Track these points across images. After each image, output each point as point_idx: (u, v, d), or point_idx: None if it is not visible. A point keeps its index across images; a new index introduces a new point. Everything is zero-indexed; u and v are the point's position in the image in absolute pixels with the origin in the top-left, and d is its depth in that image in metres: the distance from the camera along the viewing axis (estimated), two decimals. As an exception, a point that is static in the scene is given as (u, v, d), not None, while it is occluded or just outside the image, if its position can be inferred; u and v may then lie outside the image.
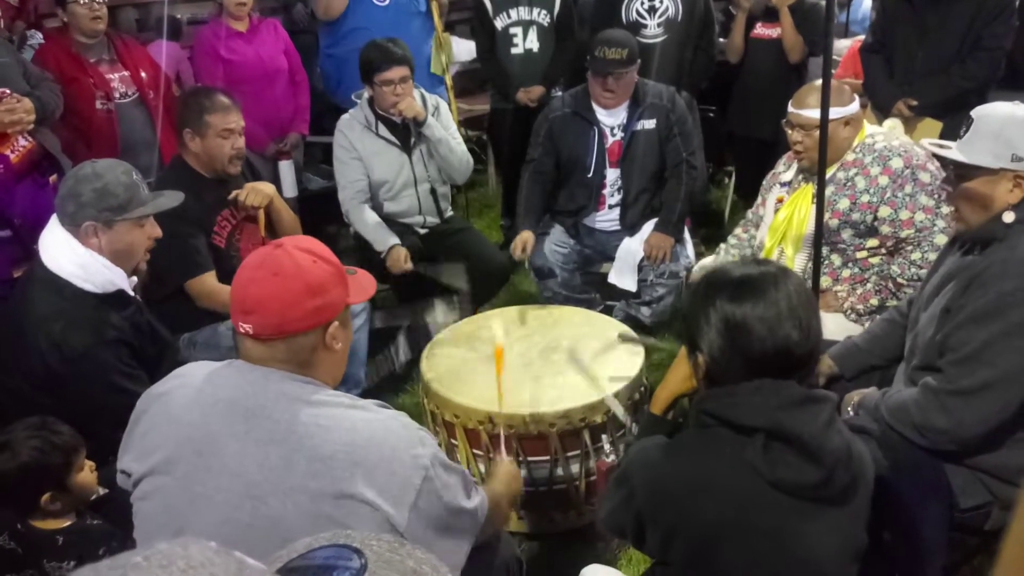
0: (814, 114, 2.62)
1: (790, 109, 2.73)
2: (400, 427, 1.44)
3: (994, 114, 1.92)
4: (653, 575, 1.68)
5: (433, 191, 3.61)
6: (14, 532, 1.87)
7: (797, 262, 2.79)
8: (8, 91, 2.91)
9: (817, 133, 2.61)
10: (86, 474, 1.94)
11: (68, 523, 1.91)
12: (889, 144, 2.65)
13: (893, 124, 3.30)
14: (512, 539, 1.95)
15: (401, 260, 3.32)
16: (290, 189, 4.24)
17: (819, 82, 2.67)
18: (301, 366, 1.45)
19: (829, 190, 2.62)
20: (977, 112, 1.95)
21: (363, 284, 1.59)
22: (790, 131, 2.75)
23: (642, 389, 2.64)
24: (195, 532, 1.37)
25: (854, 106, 2.66)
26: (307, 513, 1.33)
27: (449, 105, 4.43)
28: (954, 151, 1.96)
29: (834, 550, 1.41)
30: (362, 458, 1.35)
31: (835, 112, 2.51)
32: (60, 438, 1.89)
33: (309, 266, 1.42)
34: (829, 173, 2.63)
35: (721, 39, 4.68)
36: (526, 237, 3.48)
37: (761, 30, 4.45)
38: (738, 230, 3.19)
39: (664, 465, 1.46)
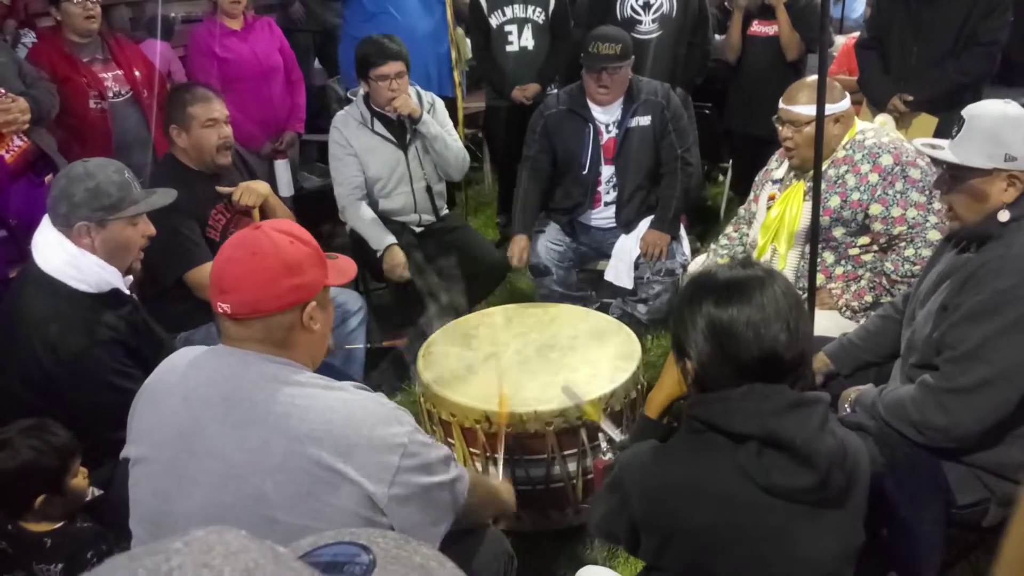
0: (803, 110, 2.63)
1: (780, 105, 2.73)
2: (377, 406, 1.45)
3: (986, 114, 1.92)
4: (647, 579, 1.67)
5: (429, 189, 3.60)
6: (4, 532, 1.87)
7: (790, 259, 2.79)
8: (3, 90, 2.90)
9: (807, 130, 2.63)
10: (79, 479, 1.94)
11: (57, 525, 1.91)
12: (879, 141, 2.65)
13: (884, 120, 3.30)
14: (503, 535, 1.95)
15: (399, 267, 3.31)
16: (286, 188, 4.24)
17: (810, 79, 2.68)
18: (278, 346, 1.46)
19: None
20: (968, 112, 1.94)
21: (343, 268, 1.60)
22: (780, 127, 2.75)
23: (639, 387, 2.64)
24: (182, 515, 1.41)
25: (844, 103, 2.66)
26: (288, 492, 1.35)
27: (456, 101, 4.44)
28: (947, 152, 1.95)
29: (832, 551, 1.40)
30: (340, 437, 1.37)
31: (825, 109, 2.50)
32: (58, 440, 1.90)
33: (286, 246, 1.44)
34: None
35: (717, 35, 4.69)
36: (522, 245, 3.48)
37: (757, 28, 4.45)
38: (729, 229, 3.19)
39: (658, 471, 1.45)
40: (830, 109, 2.59)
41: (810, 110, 2.53)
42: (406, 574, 0.58)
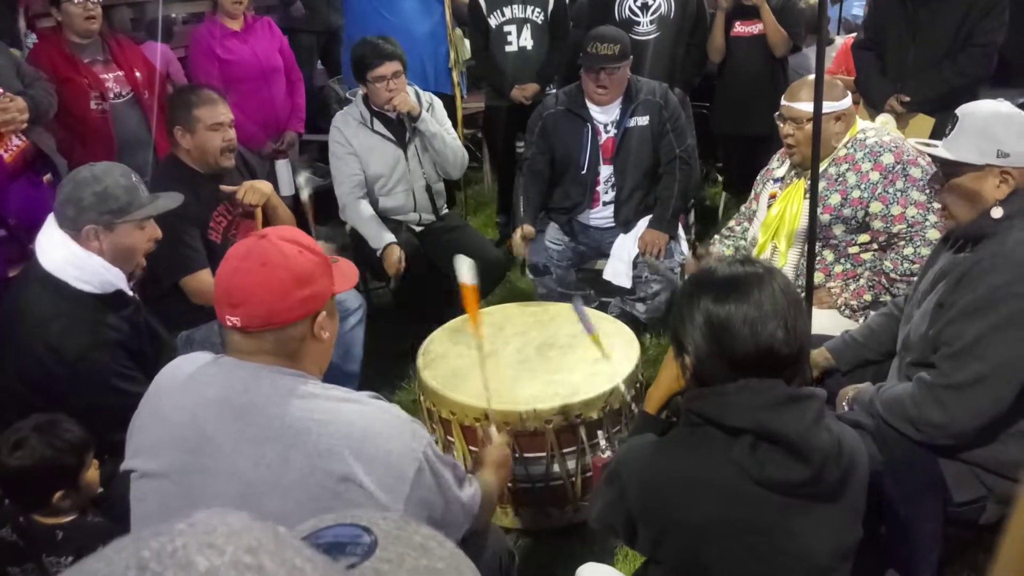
0: (805, 107, 2.64)
1: (783, 102, 2.75)
2: (393, 419, 1.45)
3: (978, 111, 1.95)
4: (646, 573, 1.69)
5: (428, 187, 3.62)
6: (16, 525, 1.88)
7: (790, 257, 2.81)
8: (1, 90, 2.90)
9: (808, 127, 2.63)
10: (92, 472, 1.95)
11: (69, 518, 1.92)
12: (880, 140, 2.66)
13: (885, 120, 3.31)
14: (504, 533, 1.96)
15: (396, 260, 3.32)
16: (286, 188, 4.24)
17: (813, 76, 2.68)
18: (290, 358, 1.45)
19: (820, 185, 2.62)
20: (962, 110, 1.97)
21: (346, 273, 1.59)
22: (782, 124, 2.76)
23: (638, 385, 2.65)
24: None
25: (846, 101, 2.67)
26: (307, 510, 1.32)
27: (454, 100, 4.45)
28: (940, 149, 1.98)
29: (827, 546, 1.41)
30: (358, 451, 1.36)
31: (826, 107, 2.51)
32: (74, 436, 1.90)
33: (295, 256, 1.42)
34: (820, 168, 2.64)
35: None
36: (527, 231, 3.49)
37: (740, 28, 4.43)
38: (732, 222, 3.20)
39: (655, 464, 1.46)
40: (831, 107, 2.61)
41: (812, 107, 2.54)
42: (407, 553, 0.60)
